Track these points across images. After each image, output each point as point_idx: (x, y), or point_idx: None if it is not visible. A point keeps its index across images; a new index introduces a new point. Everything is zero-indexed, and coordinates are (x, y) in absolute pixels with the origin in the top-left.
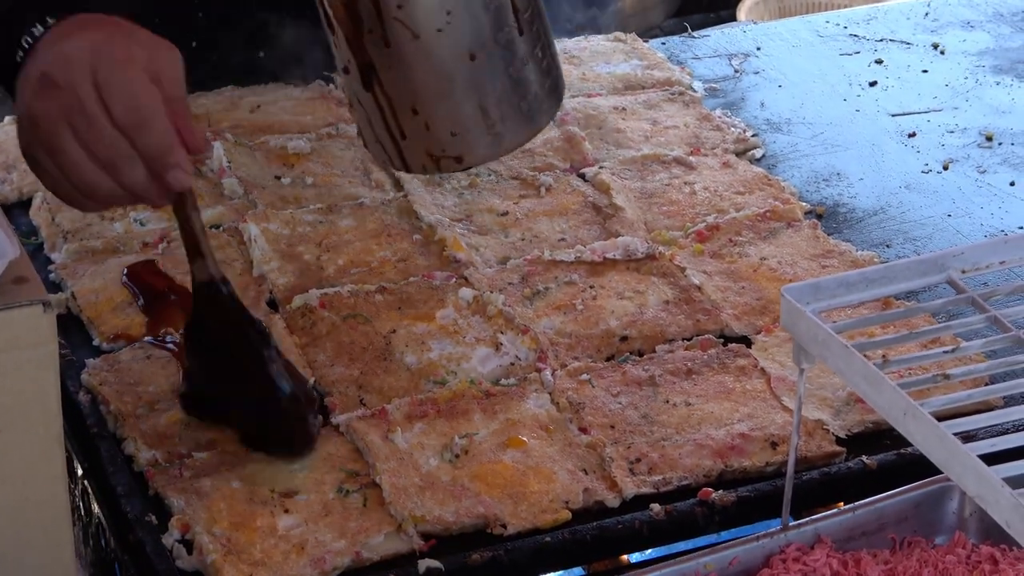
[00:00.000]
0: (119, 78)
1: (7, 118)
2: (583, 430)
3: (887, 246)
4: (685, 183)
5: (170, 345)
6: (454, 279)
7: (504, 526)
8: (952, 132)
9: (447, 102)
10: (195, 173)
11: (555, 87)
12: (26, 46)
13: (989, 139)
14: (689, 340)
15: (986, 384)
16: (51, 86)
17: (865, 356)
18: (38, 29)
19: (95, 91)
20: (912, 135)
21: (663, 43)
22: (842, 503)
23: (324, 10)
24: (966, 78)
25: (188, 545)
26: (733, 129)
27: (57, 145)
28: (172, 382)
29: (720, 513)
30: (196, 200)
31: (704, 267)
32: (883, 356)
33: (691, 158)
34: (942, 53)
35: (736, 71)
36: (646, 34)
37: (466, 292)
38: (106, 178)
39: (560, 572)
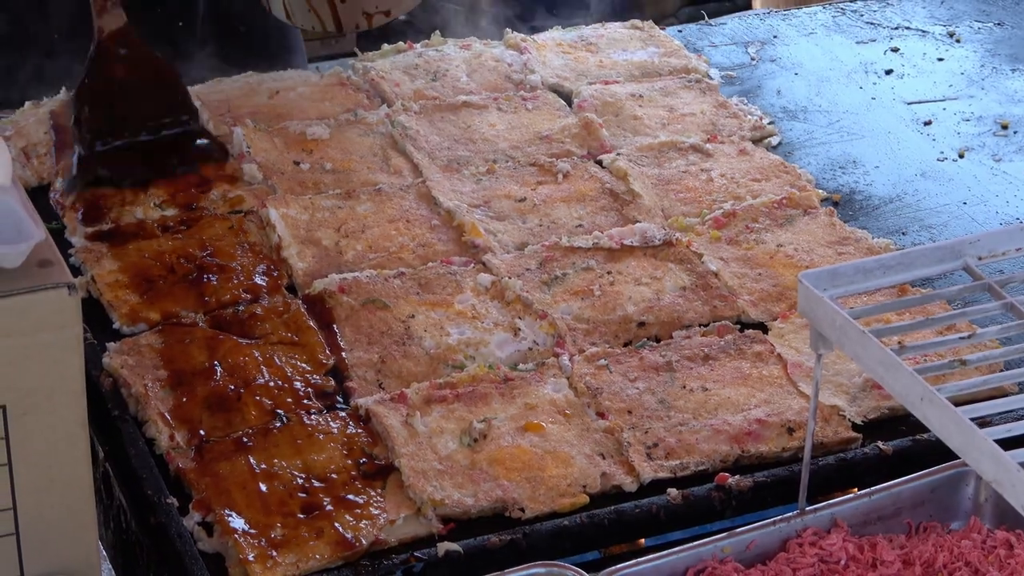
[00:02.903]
0: None
1: (28, 103)
2: (601, 415)
3: (903, 233)
4: (702, 170)
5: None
6: (472, 264)
7: (522, 510)
8: (968, 120)
9: None
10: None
11: None
12: None
13: (1005, 127)
14: (706, 326)
15: (1001, 370)
16: None
17: (881, 342)
18: None
19: None
20: (928, 123)
21: (680, 31)
22: (858, 488)
23: None
24: (982, 66)
25: (209, 527)
26: (750, 116)
27: None
28: (193, 365)
29: (737, 498)
30: None
31: (721, 253)
32: (899, 342)
33: (708, 145)
34: (958, 41)
35: (752, 59)
36: (662, 22)
37: (484, 277)
38: None
39: (577, 556)
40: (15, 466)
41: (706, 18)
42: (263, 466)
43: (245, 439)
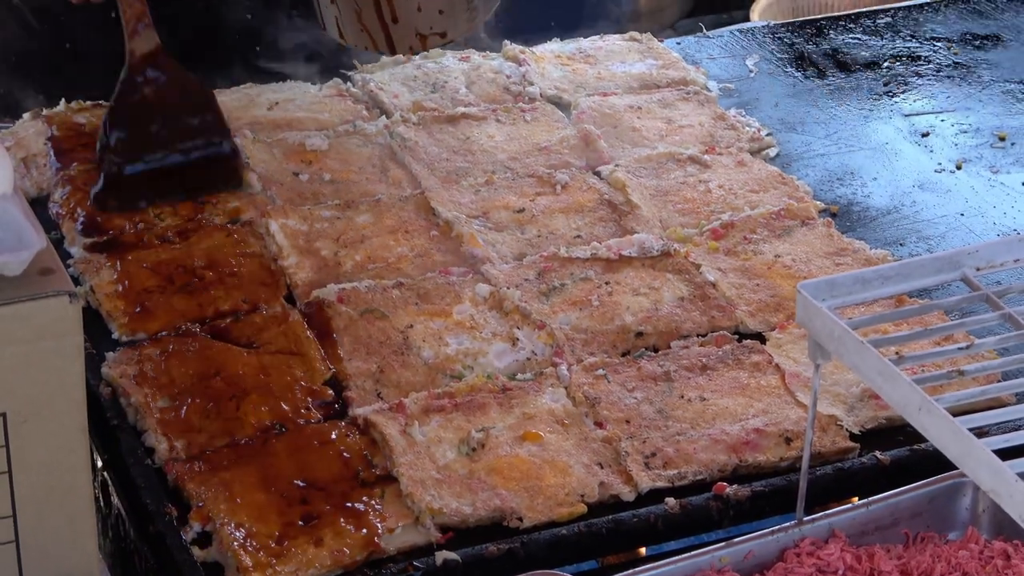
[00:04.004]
0: None
1: (26, 115)
2: (599, 424)
3: (900, 244)
4: (700, 181)
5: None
6: (471, 275)
7: (520, 519)
8: (965, 132)
9: None
10: None
11: None
12: None
13: (1002, 139)
14: (704, 336)
15: (999, 381)
16: None
17: (880, 353)
18: None
19: None
20: (925, 135)
21: (678, 43)
22: (856, 498)
23: None
24: (979, 78)
25: (208, 536)
26: (748, 128)
27: None
28: (192, 374)
29: (734, 507)
30: None
31: (719, 264)
32: (897, 353)
33: (706, 156)
34: (956, 54)
35: (750, 71)
36: (660, 34)
37: (483, 288)
38: None
39: (575, 565)
40: (15, 474)
41: (704, 30)
42: (262, 476)
43: (244, 449)
